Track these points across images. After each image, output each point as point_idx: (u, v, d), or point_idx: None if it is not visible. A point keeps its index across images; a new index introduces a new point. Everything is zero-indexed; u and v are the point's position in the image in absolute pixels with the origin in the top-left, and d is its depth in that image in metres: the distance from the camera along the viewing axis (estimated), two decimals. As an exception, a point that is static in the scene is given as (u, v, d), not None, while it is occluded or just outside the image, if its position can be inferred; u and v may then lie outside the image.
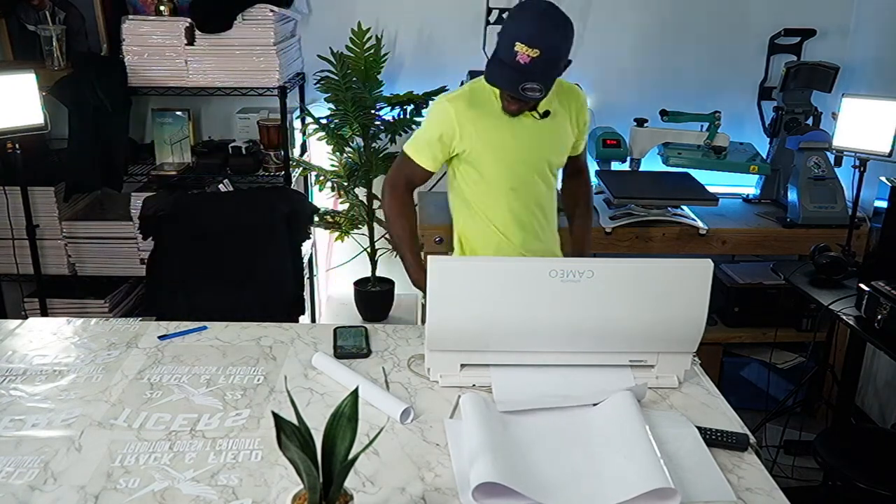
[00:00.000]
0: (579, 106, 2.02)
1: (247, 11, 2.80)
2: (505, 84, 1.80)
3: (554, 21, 1.75)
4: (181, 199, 2.83)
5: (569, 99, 2.00)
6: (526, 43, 1.72)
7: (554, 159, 2.03)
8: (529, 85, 1.75)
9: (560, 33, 1.76)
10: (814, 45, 3.17)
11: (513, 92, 1.79)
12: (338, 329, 1.76)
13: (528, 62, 1.72)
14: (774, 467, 2.72)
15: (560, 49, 1.77)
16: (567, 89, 2.02)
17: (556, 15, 1.77)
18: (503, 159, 1.97)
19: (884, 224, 2.20)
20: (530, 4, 1.79)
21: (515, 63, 1.73)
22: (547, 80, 1.78)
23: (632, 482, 1.22)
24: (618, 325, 1.48)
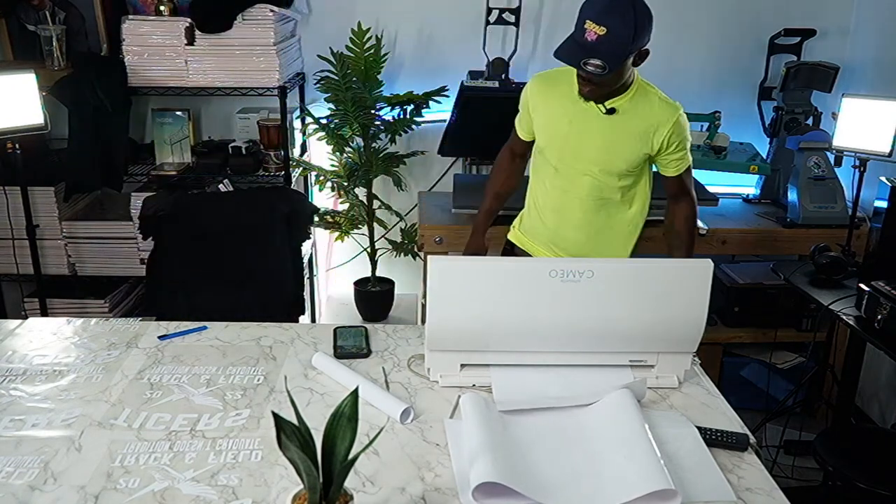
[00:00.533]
0: (666, 124, 1.96)
1: (247, 11, 2.80)
2: (567, 57, 1.83)
3: (630, 6, 1.78)
4: (181, 199, 2.83)
5: (658, 112, 1.96)
6: (594, 20, 1.76)
7: (610, 160, 2.00)
8: (593, 61, 1.78)
9: (631, 18, 1.77)
10: (814, 45, 3.17)
11: (574, 65, 1.82)
12: (338, 329, 1.76)
13: (594, 39, 1.77)
14: (774, 467, 2.71)
15: (628, 32, 1.77)
16: (662, 102, 1.99)
17: (636, 2, 1.80)
18: (553, 139, 2.04)
19: (884, 224, 2.20)
20: None
21: (583, 39, 1.78)
22: (611, 60, 1.79)
23: (632, 483, 1.22)
24: (618, 325, 1.48)
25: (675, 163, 2.05)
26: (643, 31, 1.82)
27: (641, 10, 1.80)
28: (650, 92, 1.99)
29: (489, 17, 2.93)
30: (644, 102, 1.96)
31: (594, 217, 2.10)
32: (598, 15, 1.77)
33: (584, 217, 2.09)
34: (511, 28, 2.97)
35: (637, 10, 1.79)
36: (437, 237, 2.84)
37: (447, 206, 2.84)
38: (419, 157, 3.20)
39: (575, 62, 1.81)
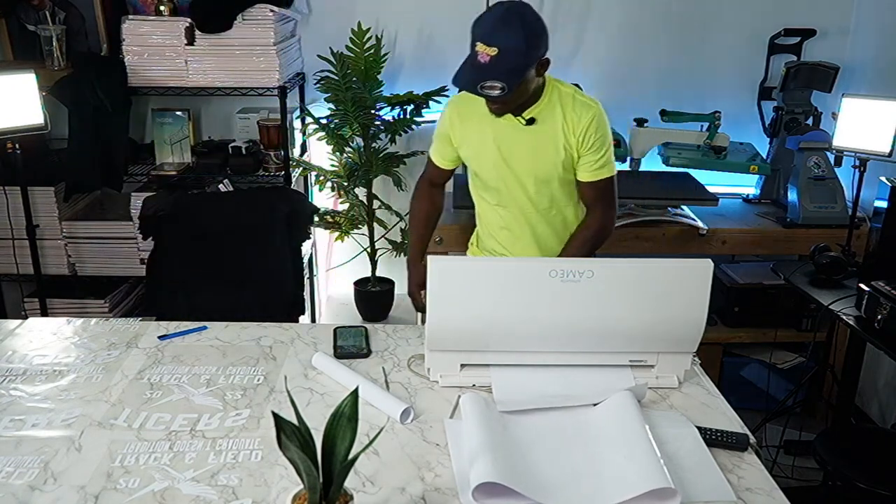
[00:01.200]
0: (585, 123, 1.89)
1: (247, 11, 2.80)
2: (463, 83, 1.78)
3: (516, 19, 1.71)
4: (181, 199, 2.83)
5: (574, 111, 1.90)
6: (484, 41, 1.70)
7: (543, 169, 1.94)
8: (489, 84, 1.72)
9: (521, 32, 1.70)
10: (814, 45, 3.17)
11: (471, 91, 1.77)
12: (338, 329, 1.76)
13: (487, 61, 1.71)
14: (774, 467, 2.71)
15: (520, 47, 1.71)
16: (578, 104, 1.91)
17: (521, 13, 1.72)
18: (485, 163, 1.98)
19: (884, 224, 2.20)
20: (497, 4, 1.77)
21: (476, 62, 1.73)
22: (509, 79, 1.72)
23: (632, 482, 1.22)
24: (618, 325, 1.48)
25: (592, 165, 1.95)
26: (537, 43, 1.75)
27: (531, 22, 1.73)
28: (566, 93, 1.92)
29: (489, 17, 2.92)
30: (560, 103, 1.90)
31: (544, 226, 2.04)
32: (487, 35, 1.70)
33: (534, 229, 2.04)
34: (511, 28, 2.96)
35: (526, 23, 1.72)
36: (438, 237, 2.84)
37: (447, 206, 2.82)
38: (419, 157, 3.20)
39: (473, 88, 1.75)
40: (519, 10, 1.73)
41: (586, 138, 1.90)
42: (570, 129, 1.90)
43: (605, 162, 1.96)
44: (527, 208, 2.01)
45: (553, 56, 3.25)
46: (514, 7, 1.74)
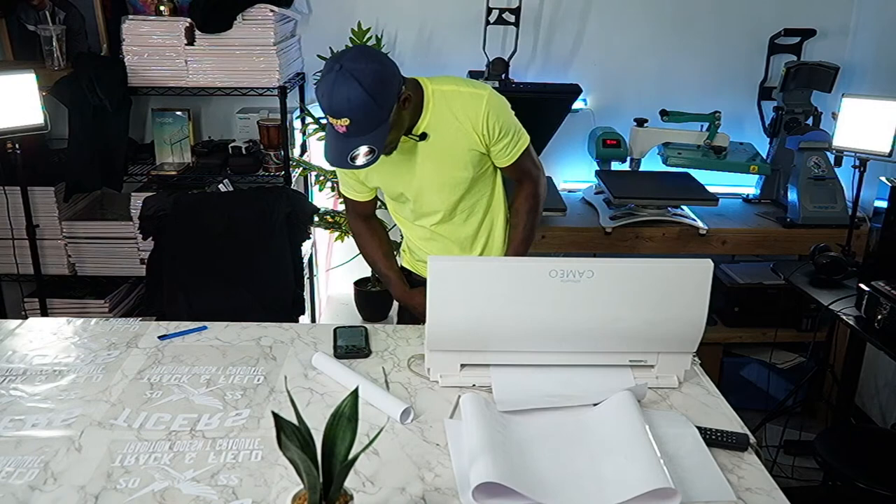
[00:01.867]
0: (478, 114, 1.78)
1: (247, 11, 2.80)
2: (334, 160, 1.67)
3: (350, 79, 1.55)
4: (181, 199, 2.83)
5: (465, 109, 1.79)
6: (331, 114, 1.60)
7: (452, 176, 1.86)
8: (355, 153, 1.62)
9: (362, 91, 1.55)
10: (814, 45, 3.17)
11: (344, 167, 1.66)
12: (338, 329, 1.76)
13: (345, 131, 1.60)
14: (774, 467, 2.71)
15: (368, 106, 1.57)
16: (466, 98, 1.79)
17: (354, 69, 1.56)
18: (394, 190, 1.91)
19: (884, 224, 2.20)
20: (328, 65, 1.61)
21: (337, 134, 1.62)
22: (374, 140, 1.62)
23: (632, 482, 1.22)
24: (618, 325, 1.48)
25: (506, 149, 1.86)
26: (383, 91, 1.60)
27: (366, 72, 1.56)
28: (448, 91, 1.79)
29: (489, 17, 2.93)
30: (448, 105, 1.78)
31: (469, 228, 1.98)
32: (329, 108, 1.59)
33: (458, 233, 1.98)
34: (511, 28, 2.97)
35: (360, 78, 1.55)
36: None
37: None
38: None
39: (344, 163, 1.64)
40: (349, 68, 1.56)
41: (489, 127, 1.80)
42: (470, 127, 1.80)
43: (515, 139, 1.86)
44: (446, 218, 1.93)
45: (553, 56, 3.28)
46: (345, 65, 1.56)
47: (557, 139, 3.13)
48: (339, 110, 1.58)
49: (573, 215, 2.98)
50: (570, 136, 3.24)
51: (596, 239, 2.90)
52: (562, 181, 3.32)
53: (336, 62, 1.58)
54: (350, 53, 1.62)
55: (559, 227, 2.90)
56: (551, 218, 2.90)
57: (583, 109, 3.24)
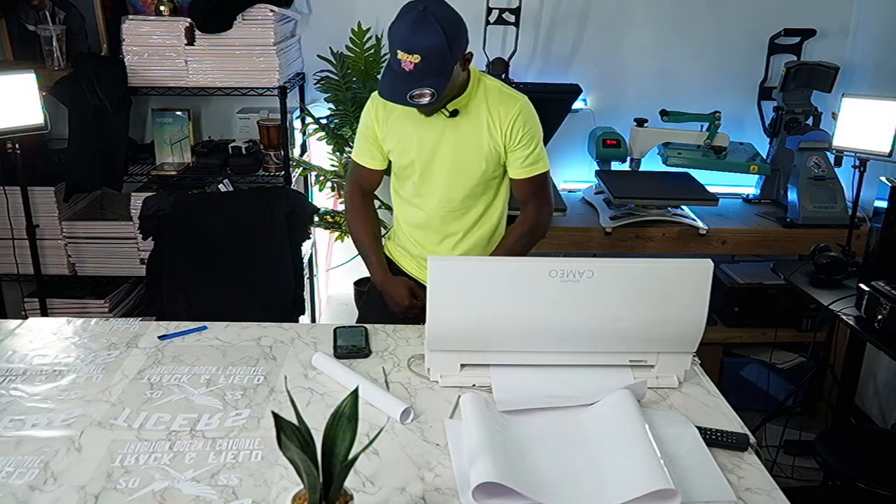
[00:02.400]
0: (509, 114, 1.86)
1: (247, 11, 2.80)
2: (392, 95, 1.74)
3: (432, 20, 1.65)
4: (181, 199, 2.83)
5: (501, 107, 1.86)
6: (404, 49, 1.66)
7: (465, 162, 1.90)
8: (417, 91, 1.69)
9: (442, 34, 1.65)
10: (814, 45, 3.17)
11: (401, 102, 1.73)
12: (338, 329, 1.76)
13: (412, 69, 1.67)
14: (774, 467, 2.71)
15: (442, 49, 1.67)
16: (504, 97, 1.87)
17: (437, 13, 1.67)
18: (406, 157, 1.93)
19: (884, 224, 2.20)
20: (410, 6, 1.71)
21: (401, 70, 1.69)
22: (438, 84, 1.70)
23: (632, 483, 1.22)
24: (618, 325, 1.48)
25: (522, 161, 1.90)
26: (458, 40, 1.71)
27: (447, 19, 1.68)
28: (491, 86, 1.89)
29: (489, 17, 2.93)
30: (485, 97, 1.86)
31: (458, 226, 1.99)
32: (406, 42, 1.66)
33: (447, 228, 1.99)
34: (511, 28, 2.97)
35: (442, 21, 1.66)
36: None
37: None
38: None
39: (402, 99, 1.72)
40: (433, 11, 1.67)
41: (513, 132, 1.86)
42: (496, 123, 1.86)
43: (536, 158, 1.91)
44: (442, 204, 1.95)
45: (553, 56, 3.28)
46: (429, 7, 1.67)
47: (557, 139, 3.13)
48: (415, 46, 1.65)
49: (573, 215, 2.98)
50: (570, 136, 3.23)
51: (596, 239, 2.90)
52: (562, 181, 3.32)
53: (420, 3, 1.67)
54: (434, 2, 1.69)
55: (559, 227, 2.90)
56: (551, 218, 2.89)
57: (583, 109, 3.24)
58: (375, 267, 2.05)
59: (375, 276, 2.05)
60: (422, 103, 1.72)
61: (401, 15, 1.70)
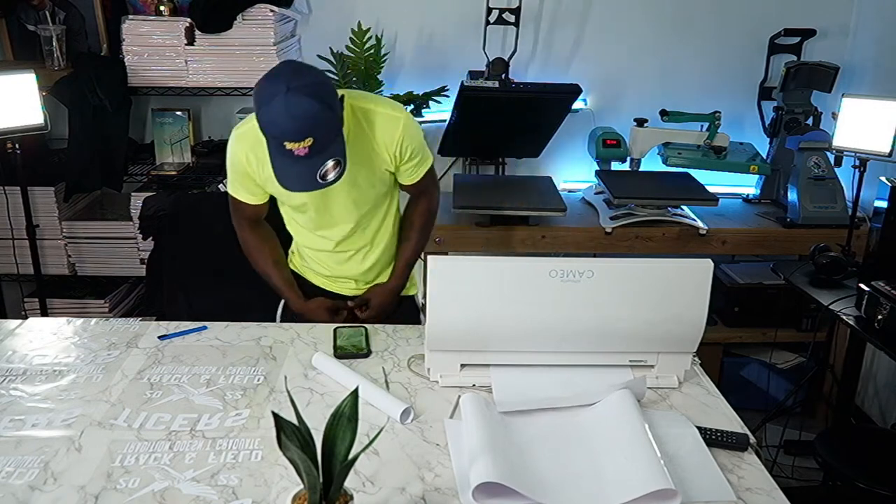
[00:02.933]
0: (394, 137, 1.76)
1: (247, 11, 2.80)
2: (302, 186, 1.59)
3: (303, 96, 1.48)
4: (181, 199, 2.83)
5: (384, 132, 1.76)
6: (292, 140, 1.50)
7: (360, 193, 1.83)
8: (324, 170, 1.56)
9: (317, 102, 1.50)
10: (814, 45, 3.17)
11: (314, 188, 1.59)
12: (338, 329, 1.76)
13: (307, 152, 1.52)
14: (774, 467, 2.72)
15: (327, 115, 1.53)
16: (383, 120, 1.75)
17: (300, 84, 1.49)
18: (297, 196, 1.79)
19: (884, 224, 2.20)
20: (268, 93, 1.50)
21: (299, 158, 1.53)
22: (338, 150, 1.57)
23: (632, 483, 1.22)
24: (618, 325, 1.48)
25: (413, 170, 1.86)
26: (332, 95, 1.56)
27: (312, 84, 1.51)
28: (364, 109, 1.75)
29: (489, 17, 2.93)
30: (365, 123, 1.74)
31: (362, 240, 1.94)
32: (289, 133, 1.50)
33: (352, 245, 1.94)
34: (511, 28, 2.97)
35: (310, 90, 1.49)
36: (437, 237, 2.84)
37: (447, 206, 2.83)
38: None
39: (313, 186, 1.57)
40: (296, 85, 1.49)
41: (402, 151, 1.79)
42: (382, 148, 1.78)
43: (421, 160, 1.87)
44: (343, 230, 1.90)
45: (553, 56, 3.28)
46: (290, 85, 1.48)
47: (557, 139, 3.14)
48: (301, 130, 1.50)
49: (573, 215, 2.98)
50: (570, 136, 3.24)
51: (596, 239, 2.90)
52: (562, 181, 3.32)
53: (278, 85, 1.49)
54: (286, 73, 1.52)
55: (559, 227, 2.90)
56: (551, 218, 2.90)
57: (583, 109, 3.24)
58: (287, 295, 1.98)
59: (293, 306, 1.98)
60: (332, 178, 1.58)
61: (264, 103, 1.51)
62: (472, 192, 2.91)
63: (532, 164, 3.33)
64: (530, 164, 3.34)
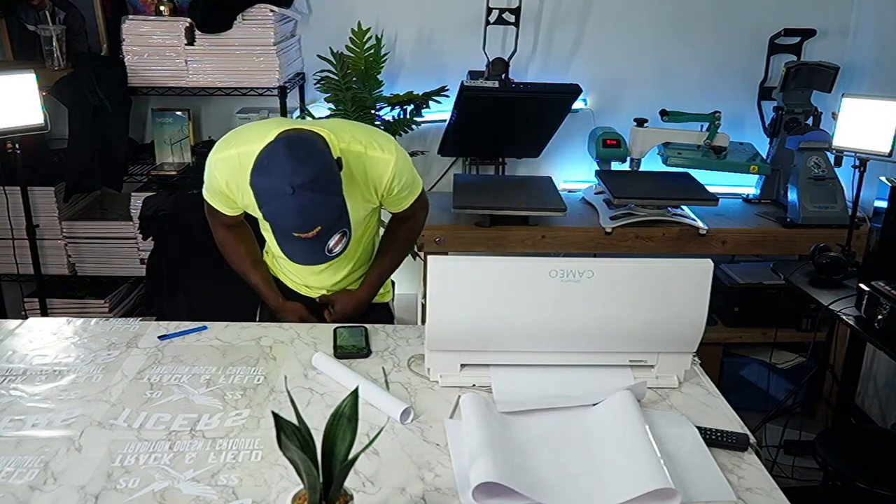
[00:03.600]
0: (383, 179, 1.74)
1: (247, 11, 2.81)
2: (311, 262, 1.60)
3: (311, 193, 1.46)
4: (181, 199, 2.83)
5: (374, 175, 1.74)
6: (302, 231, 1.50)
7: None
8: (332, 244, 1.55)
9: (325, 194, 1.49)
10: (814, 45, 3.17)
11: (322, 262, 1.61)
12: (338, 329, 1.76)
13: (316, 234, 1.52)
14: (774, 467, 2.72)
15: (333, 202, 1.52)
16: (374, 163, 1.72)
17: (306, 181, 1.46)
18: None
19: (884, 224, 2.20)
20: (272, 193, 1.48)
21: (308, 240, 1.53)
22: (344, 223, 1.56)
23: (632, 482, 1.22)
24: (618, 325, 1.48)
25: (401, 201, 1.85)
26: (334, 180, 1.53)
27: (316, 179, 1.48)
28: (358, 153, 1.71)
29: (489, 17, 2.93)
30: (357, 165, 1.71)
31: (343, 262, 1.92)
32: (299, 228, 1.49)
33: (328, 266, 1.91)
34: (511, 28, 2.97)
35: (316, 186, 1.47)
36: (437, 237, 2.84)
37: (447, 207, 2.84)
38: (419, 157, 3.20)
39: (323, 260, 1.58)
40: (299, 182, 1.45)
41: (391, 189, 1.77)
42: (372, 188, 1.76)
43: (409, 192, 1.84)
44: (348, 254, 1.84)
45: (553, 56, 3.28)
46: (295, 185, 1.45)
47: (557, 139, 3.14)
48: (310, 223, 1.50)
49: (573, 215, 2.97)
50: (570, 136, 3.24)
51: (596, 239, 2.90)
52: (562, 181, 3.32)
53: (281, 184, 1.45)
54: (284, 167, 1.47)
55: (559, 227, 2.90)
56: (551, 218, 2.90)
57: (583, 109, 3.24)
58: (264, 292, 1.96)
59: (270, 304, 1.96)
60: (339, 250, 1.58)
61: (267, 202, 1.49)
62: (472, 192, 2.91)
63: (532, 164, 3.33)
64: (530, 164, 3.34)
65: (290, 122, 1.72)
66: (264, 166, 1.51)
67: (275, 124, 1.66)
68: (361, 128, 1.79)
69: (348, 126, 1.76)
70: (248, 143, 1.64)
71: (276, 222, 1.53)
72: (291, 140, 1.54)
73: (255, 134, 1.65)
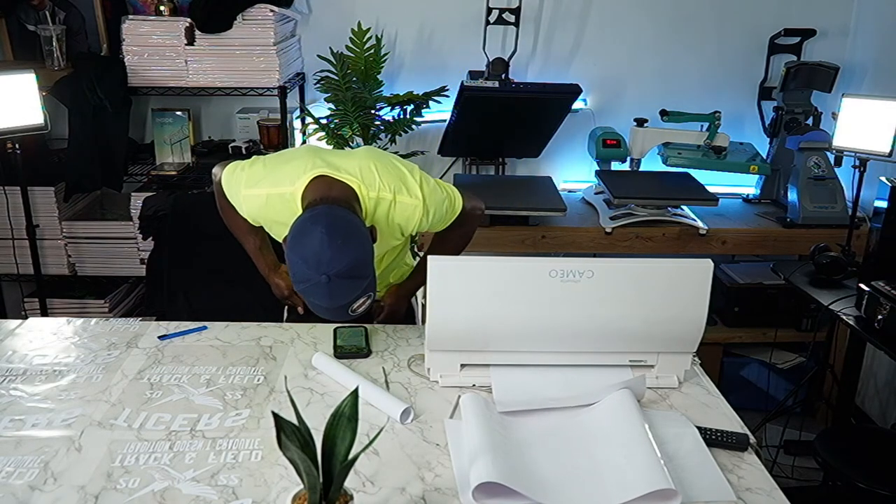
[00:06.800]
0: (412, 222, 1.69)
1: (247, 11, 2.81)
2: (335, 319, 1.54)
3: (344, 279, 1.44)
4: (181, 199, 2.83)
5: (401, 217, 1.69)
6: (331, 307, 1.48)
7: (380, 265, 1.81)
8: (356, 306, 1.50)
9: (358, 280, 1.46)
10: (814, 45, 3.17)
11: (346, 320, 1.55)
12: (338, 329, 1.76)
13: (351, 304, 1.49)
14: (774, 467, 2.72)
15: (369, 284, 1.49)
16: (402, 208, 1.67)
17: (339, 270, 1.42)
18: None
19: (884, 224, 2.20)
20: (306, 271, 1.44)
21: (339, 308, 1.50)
22: (370, 287, 1.50)
23: (632, 483, 1.22)
24: (618, 325, 1.48)
25: (440, 225, 1.81)
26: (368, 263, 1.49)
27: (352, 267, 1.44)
28: (385, 199, 1.65)
29: (489, 17, 2.93)
30: (386, 212, 1.67)
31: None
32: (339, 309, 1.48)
33: None
34: (511, 28, 2.97)
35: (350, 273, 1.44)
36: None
37: (447, 206, 2.83)
38: (419, 157, 3.20)
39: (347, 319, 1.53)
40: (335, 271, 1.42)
41: (421, 227, 1.74)
42: (400, 230, 1.74)
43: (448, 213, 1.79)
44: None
45: (553, 56, 3.28)
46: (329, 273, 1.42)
47: (557, 139, 3.14)
48: (342, 303, 1.47)
49: (573, 215, 2.98)
50: (570, 136, 3.24)
51: (596, 239, 2.90)
52: (562, 181, 3.33)
53: (317, 272, 1.42)
54: (323, 256, 1.42)
55: (559, 227, 2.90)
56: (551, 218, 2.90)
57: (583, 109, 3.25)
58: (257, 261, 1.95)
59: (260, 270, 1.95)
60: (363, 310, 1.53)
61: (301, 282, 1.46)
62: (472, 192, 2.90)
63: (532, 164, 3.34)
64: (530, 164, 3.34)
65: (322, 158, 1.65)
66: (302, 246, 1.45)
67: (308, 163, 1.61)
68: (390, 170, 1.69)
69: (377, 167, 1.67)
70: (279, 186, 1.62)
71: (308, 297, 1.49)
72: (331, 225, 1.46)
73: (286, 176, 1.62)
